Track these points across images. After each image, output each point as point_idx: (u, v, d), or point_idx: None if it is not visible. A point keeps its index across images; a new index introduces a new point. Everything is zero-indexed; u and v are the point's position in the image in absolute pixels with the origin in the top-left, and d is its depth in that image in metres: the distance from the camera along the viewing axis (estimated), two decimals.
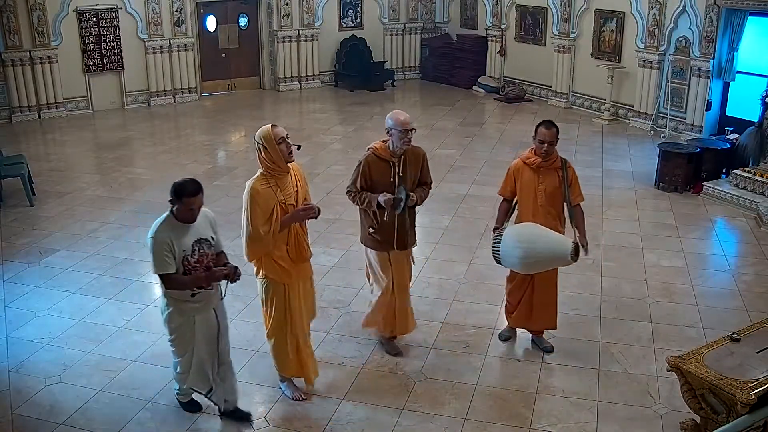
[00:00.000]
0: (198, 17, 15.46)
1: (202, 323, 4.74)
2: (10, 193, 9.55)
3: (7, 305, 6.73)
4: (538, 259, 5.36)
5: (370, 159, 5.46)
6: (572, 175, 5.64)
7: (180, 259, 4.51)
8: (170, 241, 4.47)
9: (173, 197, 4.53)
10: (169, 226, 4.54)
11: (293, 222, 4.91)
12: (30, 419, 5.13)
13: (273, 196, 4.79)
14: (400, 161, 5.44)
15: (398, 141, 5.37)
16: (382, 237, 5.53)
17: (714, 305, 6.77)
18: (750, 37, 11.30)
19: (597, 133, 12.93)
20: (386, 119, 5.45)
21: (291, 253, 4.96)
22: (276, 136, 4.75)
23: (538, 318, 5.92)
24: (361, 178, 5.44)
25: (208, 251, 4.65)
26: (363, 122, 13.83)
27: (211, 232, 4.73)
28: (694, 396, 4.18)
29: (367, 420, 5.12)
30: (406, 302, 5.85)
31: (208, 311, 4.77)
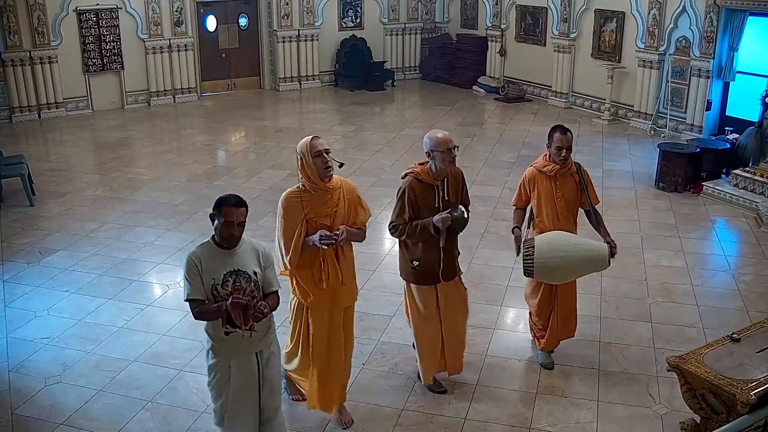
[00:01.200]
0: (198, 17, 15.46)
1: (238, 370, 4.13)
2: (10, 193, 9.55)
3: (7, 305, 6.73)
4: (576, 266, 5.23)
5: (413, 185, 4.96)
6: (587, 177, 5.55)
7: (209, 286, 3.99)
8: (199, 265, 4.00)
9: (214, 210, 4.07)
10: (204, 248, 4.08)
11: (311, 245, 4.53)
12: (30, 419, 5.13)
13: (300, 210, 4.54)
14: (444, 183, 5.02)
15: (442, 162, 4.91)
16: (427, 269, 5.05)
17: (714, 305, 6.77)
18: (750, 37, 11.29)
19: (597, 133, 12.93)
20: (424, 140, 4.97)
21: (315, 276, 4.64)
22: (312, 149, 4.48)
23: (563, 329, 5.76)
24: (408, 207, 4.93)
25: (245, 285, 4.04)
26: (363, 122, 13.83)
27: (255, 266, 4.12)
28: (694, 396, 4.18)
29: (367, 420, 5.12)
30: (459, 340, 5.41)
31: (247, 357, 4.16)
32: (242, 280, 4.04)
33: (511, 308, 6.67)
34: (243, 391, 4.17)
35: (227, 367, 4.13)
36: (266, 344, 4.23)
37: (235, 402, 4.16)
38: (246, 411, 4.21)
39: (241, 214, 4.02)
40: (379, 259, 7.61)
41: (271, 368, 4.29)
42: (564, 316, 5.71)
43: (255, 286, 4.09)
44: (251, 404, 4.22)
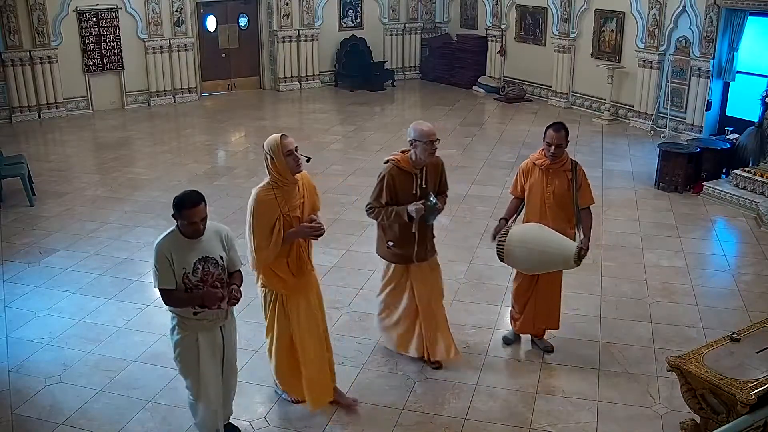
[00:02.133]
0: (198, 17, 15.46)
1: (206, 341, 4.46)
2: (10, 193, 9.55)
3: (7, 305, 6.73)
4: (540, 260, 5.35)
5: (393, 171, 5.24)
6: (582, 177, 5.59)
7: (180, 276, 4.27)
8: (170, 257, 4.24)
9: (174, 212, 4.27)
10: (172, 240, 4.30)
11: (297, 237, 4.76)
12: (30, 419, 5.13)
13: (276, 207, 4.66)
14: (422, 172, 5.28)
15: (423, 153, 5.15)
16: (402, 250, 5.38)
17: (714, 305, 6.77)
18: (750, 37, 11.30)
19: (597, 133, 12.93)
20: (409, 130, 5.22)
21: (291, 267, 4.82)
22: (284, 148, 4.61)
23: (541, 321, 5.90)
24: (386, 192, 5.22)
25: (213, 270, 4.35)
26: (363, 122, 13.83)
27: (221, 250, 4.41)
28: (694, 396, 4.18)
29: (367, 420, 5.12)
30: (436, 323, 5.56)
31: (213, 330, 4.52)
32: (210, 266, 4.34)
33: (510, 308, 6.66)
34: (210, 364, 4.49)
35: (194, 341, 4.42)
36: (225, 317, 4.57)
37: (206, 375, 4.47)
38: (216, 384, 4.53)
39: (202, 211, 4.23)
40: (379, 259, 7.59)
41: (230, 341, 4.67)
42: (541, 307, 5.84)
43: (222, 270, 4.41)
44: (217, 377, 4.56)
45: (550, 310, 5.87)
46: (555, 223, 5.51)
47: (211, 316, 4.44)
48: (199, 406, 4.57)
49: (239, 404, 5.28)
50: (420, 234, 5.31)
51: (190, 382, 4.53)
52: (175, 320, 4.45)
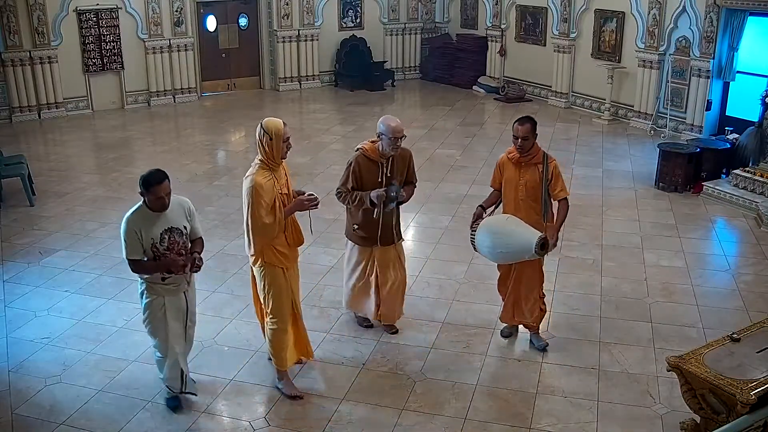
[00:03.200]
0: (198, 17, 15.46)
1: (171, 304, 4.97)
2: (10, 193, 9.56)
3: (7, 305, 6.73)
4: (506, 250, 5.48)
5: (359, 159, 5.65)
6: (553, 170, 5.65)
7: (149, 246, 4.78)
8: (138, 230, 4.74)
9: (142, 189, 4.74)
10: (140, 215, 4.79)
11: (296, 211, 5.13)
12: (30, 419, 5.13)
13: (273, 186, 4.98)
14: (389, 162, 5.64)
15: (387, 146, 5.54)
16: (367, 233, 5.79)
17: (714, 305, 6.77)
18: (750, 37, 11.30)
19: (597, 133, 12.93)
20: (378, 123, 5.57)
21: (289, 239, 5.16)
22: (285, 135, 5.00)
23: (519, 311, 5.98)
24: (352, 178, 5.63)
25: (178, 239, 4.88)
26: (363, 122, 13.82)
27: (184, 221, 4.94)
28: (694, 396, 4.18)
29: (367, 420, 5.12)
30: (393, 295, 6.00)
31: (178, 294, 5.01)
32: (176, 235, 4.87)
33: None
34: (176, 324, 5.02)
35: (162, 305, 4.94)
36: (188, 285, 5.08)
37: (172, 334, 4.99)
38: (180, 342, 5.06)
39: (167, 187, 4.75)
40: None
41: (192, 303, 5.16)
42: (516, 298, 5.95)
43: (186, 238, 4.95)
44: (181, 335, 5.08)
45: (527, 302, 5.92)
46: (528, 215, 5.61)
47: (177, 281, 4.93)
48: (166, 361, 5.03)
49: (239, 404, 5.30)
50: (384, 219, 5.68)
51: (158, 341, 5.03)
52: (143, 285, 4.96)
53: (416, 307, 6.65)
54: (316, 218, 8.22)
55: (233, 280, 7.20)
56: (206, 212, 9.09)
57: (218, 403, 5.30)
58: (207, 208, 9.25)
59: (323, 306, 6.69)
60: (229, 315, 6.55)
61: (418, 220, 8.91)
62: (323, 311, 6.61)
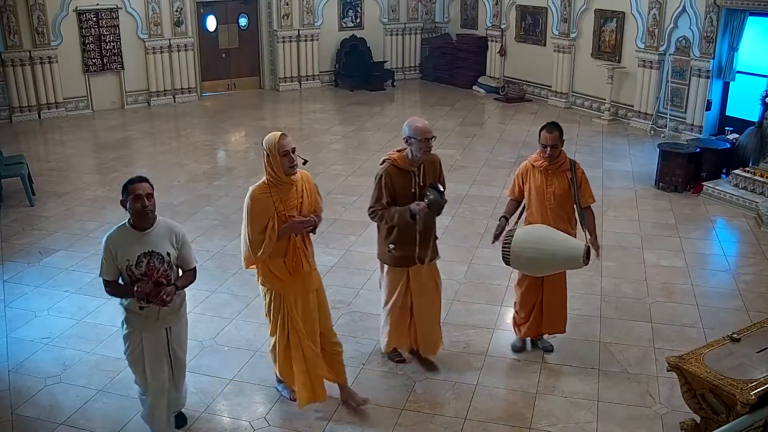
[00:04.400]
0: (198, 17, 15.46)
1: (150, 342, 4.48)
2: (10, 193, 9.55)
3: (7, 305, 6.73)
4: (549, 261, 5.28)
5: (389, 171, 5.12)
6: (581, 176, 5.56)
7: (124, 267, 4.32)
8: (114, 249, 4.32)
9: (122, 194, 4.37)
10: (120, 233, 4.38)
11: (289, 233, 4.71)
12: (30, 419, 5.13)
13: (270, 205, 4.65)
14: (420, 170, 5.17)
15: (419, 151, 5.05)
16: (403, 252, 5.25)
17: (714, 305, 6.77)
18: (750, 37, 11.30)
19: (597, 133, 12.93)
20: (404, 128, 5.11)
21: (288, 266, 4.80)
22: (281, 148, 4.60)
23: (548, 323, 5.84)
24: (385, 192, 5.10)
25: (158, 266, 4.34)
26: (363, 122, 13.83)
27: (169, 247, 4.41)
28: (694, 396, 4.18)
29: (367, 420, 5.12)
30: (432, 323, 5.56)
31: (158, 331, 4.50)
32: (156, 261, 4.35)
33: (511, 308, 6.63)
34: (156, 363, 4.52)
35: (139, 339, 4.48)
36: (176, 319, 4.58)
37: (151, 374, 4.53)
38: (161, 386, 4.56)
39: (147, 188, 4.32)
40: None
41: (179, 344, 4.66)
42: (549, 311, 5.79)
43: (168, 266, 4.40)
44: (164, 377, 4.56)
45: (557, 312, 5.82)
46: (556, 223, 5.48)
47: (155, 316, 4.42)
48: (146, 401, 4.69)
49: (239, 404, 5.29)
50: (422, 234, 5.20)
51: (136, 376, 4.66)
52: (123, 315, 4.53)
53: None
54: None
55: (233, 280, 7.19)
56: (206, 212, 9.09)
57: (218, 403, 5.29)
58: (207, 208, 9.25)
59: None
60: (229, 315, 6.55)
61: None
62: None
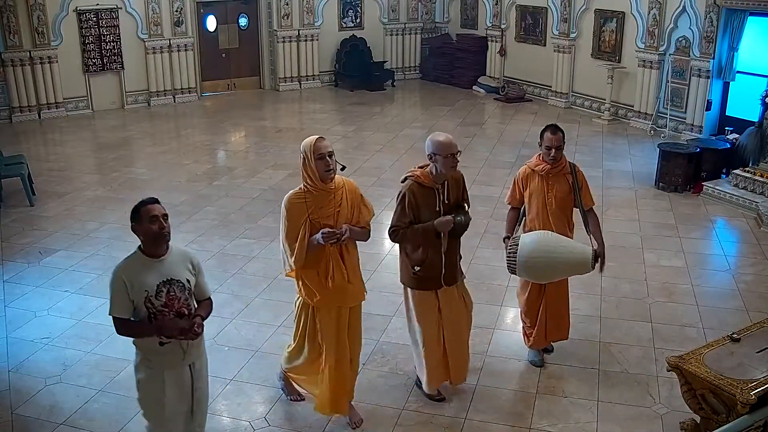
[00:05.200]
0: (198, 17, 15.46)
1: (172, 381, 4.03)
2: (10, 193, 9.55)
3: (7, 305, 6.73)
4: (557, 268, 5.20)
5: (413, 188, 4.89)
6: (582, 179, 5.52)
7: (141, 300, 3.85)
8: (128, 281, 3.84)
9: (132, 220, 3.97)
10: (132, 262, 3.95)
11: (316, 243, 4.53)
12: (30, 419, 5.13)
13: (303, 211, 4.52)
14: (444, 187, 4.94)
15: (444, 167, 4.83)
16: (429, 273, 4.98)
17: (714, 305, 6.77)
18: (750, 37, 11.29)
19: (597, 133, 12.93)
20: (426, 144, 4.90)
21: (321, 276, 4.63)
22: (316, 151, 4.47)
23: (553, 329, 5.76)
24: (408, 211, 4.87)
25: (179, 294, 3.94)
26: (363, 122, 13.83)
27: (188, 273, 4.02)
28: (694, 396, 4.18)
29: (367, 420, 5.11)
30: (462, 349, 5.31)
31: (181, 368, 4.05)
32: (176, 289, 3.94)
33: (511, 308, 6.66)
34: (177, 405, 4.06)
35: (161, 381, 4.00)
36: (198, 355, 4.13)
37: (171, 416, 4.05)
38: (181, 424, 4.13)
39: (162, 209, 3.94)
40: (379, 259, 7.61)
41: (201, 380, 4.22)
42: (552, 316, 5.69)
43: (189, 294, 4.01)
44: (184, 419, 4.14)
45: (561, 317, 5.76)
46: (557, 227, 5.40)
47: (180, 351, 3.98)
48: None
49: (239, 404, 5.29)
50: (448, 254, 4.98)
51: (151, 425, 4.12)
52: (138, 357, 4.07)
53: None
54: None
55: (233, 280, 7.19)
56: (206, 212, 9.09)
57: (218, 403, 5.29)
58: (207, 208, 9.24)
59: None
60: (229, 315, 6.55)
61: None
62: None
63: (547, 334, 5.78)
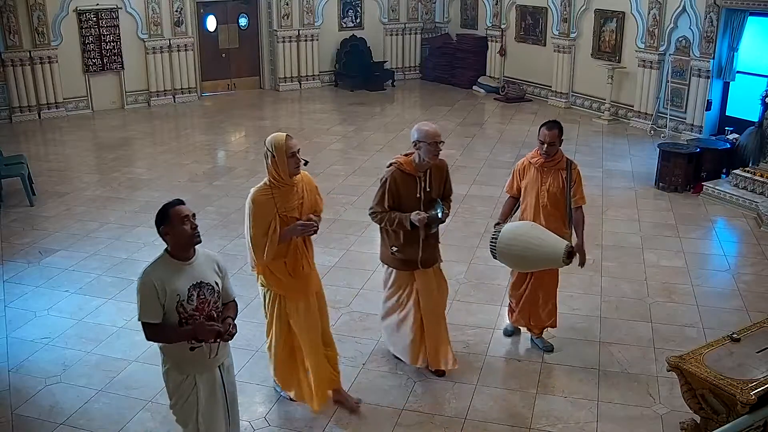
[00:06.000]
0: (198, 17, 15.46)
1: (205, 384, 4.01)
2: (10, 193, 9.56)
3: (7, 305, 6.73)
4: (530, 258, 5.38)
5: (395, 175, 5.10)
6: (576, 177, 5.60)
7: (173, 305, 3.80)
8: (159, 285, 3.78)
9: (162, 222, 3.87)
10: (161, 266, 3.86)
11: (291, 236, 4.71)
12: (30, 419, 5.13)
13: (272, 207, 4.65)
14: (426, 175, 5.13)
15: (427, 155, 5.02)
16: (407, 255, 5.21)
17: (714, 305, 6.77)
18: (750, 37, 11.30)
19: (597, 133, 12.93)
20: (412, 132, 5.09)
21: (288, 267, 4.81)
22: (288, 149, 4.60)
23: (536, 316, 5.92)
24: (388, 196, 5.08)
25: (209, 297, 3.92)
26: (363, 122, 13.83)
27: (215, 276, 4.01)
28: (694, 396, 4.18)
29: (367, 420, 5.12)
30: (438, 331, 5.45)
31: (212, 370, 4.05)
32: (206, 293, 3.91)
33: None
34: (213, 408, 4.06)
35: (192, 386, 3.97)
36: (225, 354, 4.15)
37: (209, 420, 4.03)
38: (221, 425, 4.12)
39: (189, 209, 3.93)
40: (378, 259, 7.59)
41: (231, 380, 4.24)
42: (533, 302, 5.87)
43: (218, 297, 3.99)
44: (221, 420, 4.13)
45: (546, 305, 5.88)
46: (549, 222, 5.53)
47: (210, 354, 3.96)
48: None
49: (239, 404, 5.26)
50: (426, 240, 5.18)
51: (190, 429, 4.06)
52: (166, 365, 3.98)
53: None
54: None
55: (233, 280, 7.05)
56: (206, 212, 9.08)
57: None
58: (207, 207, 9.25)
59: None
60: None
61: None
62: None
63: (531, 319, 5.95)
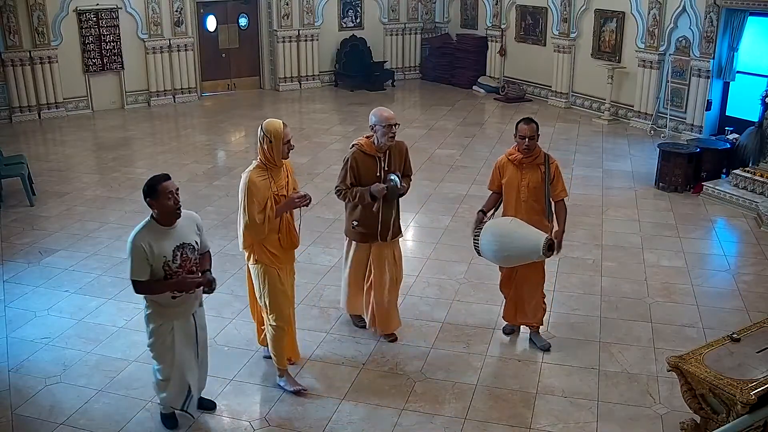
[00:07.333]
0: (198, 17, 15.46)
1: (180, 329, 4.73)
2: (10, 193, 9.56)
3: (7, 305, 6.73)
4: (511, 253, 5.47)
5: (356, 155, 5.64)
6: (554, 170, 5.70)
7: (160, 264, 4.49)
8: (147, 248, 4.46)
9: (149, 195, 4.49)
10: (148, 231, 4.53)
11: (287, 209, 5.13)
12: (30, 419, 5.13)
13: (268, 187, 5.03)
14: (386, 156, 5.65)
15: (382, 137, 5.55)
16: (367, 229, 5.75)
17: (714, 305, 6.77)
18: (750, 37, 11.30)
19: (597, 133, 12.93)
20: (370, 116, 5.64)
21: (282, 241, 5.18)
22: (285, 137, 5.03)
23: (521, 312, 6.01)
24: (350, 174, 5.62)
25: (191, 256, 4.63)
26: (363, 122, 13.76)
27: (195, 236, 4.71)
28: (694, 396, 4.18)
29: (367, 420, 5.12)
30: (386, 300, 5.91)
31: (187, 318, 4.77)
32: (188, 252, 4.61)
33: None
34: (187, 351, 4.76)
35: (170, 329, 4.67)
36: (198, 304, 4.85)
37: (182, 360, 4.73)
38: (192, 367, 4.81)
39: (175, 184, 4.53)
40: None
41: (202, 324, 4.93)
42: (518, 298, 5.98)
43: (197, 254, 4.69)
44: (193, 360, 4.83)
45: (529, 302, 5.94)
46: (529, 216, 5.62)
47: (187, 301, 4.66)
48: (168, 384, 4.78)
49: (239, 404, 5.30)
50: (383, 214, 5.66)
51: (162, 366, 4.76)
52: (149, 310, 4.66)
53: (416, 307, 6.66)
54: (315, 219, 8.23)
55: (233, 280, 7.19)
56: (206, 212, 9.08)
57: (218, 403, 5.28)
58: (207, 207, 9.24)
59: (323, 306, 6.69)
60: (229, 315, 6.55)
61: (418, 219, 8.91)
62: (323, 311, 6.61)
63: (517, 315, 6.06)
